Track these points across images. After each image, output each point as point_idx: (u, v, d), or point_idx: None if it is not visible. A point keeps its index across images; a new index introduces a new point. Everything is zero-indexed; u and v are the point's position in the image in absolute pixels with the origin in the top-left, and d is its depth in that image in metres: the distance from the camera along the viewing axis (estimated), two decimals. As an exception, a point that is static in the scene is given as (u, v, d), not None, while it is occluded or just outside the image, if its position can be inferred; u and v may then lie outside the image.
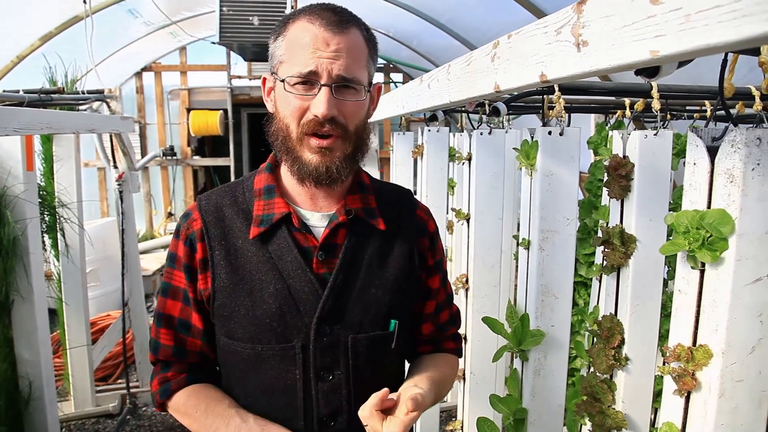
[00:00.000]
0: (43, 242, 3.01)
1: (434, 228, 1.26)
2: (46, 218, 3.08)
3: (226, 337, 1.08)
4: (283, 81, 1.01)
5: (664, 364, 0.91)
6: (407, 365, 1.26)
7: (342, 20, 1.01)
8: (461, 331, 2.18)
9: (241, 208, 1.10)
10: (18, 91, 2.66)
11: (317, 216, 1.11)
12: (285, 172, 1.12)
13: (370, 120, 1.15)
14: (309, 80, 0.99)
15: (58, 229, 3.12)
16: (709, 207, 0.83)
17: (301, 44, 0.99)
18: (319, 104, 0.98)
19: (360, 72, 1.02)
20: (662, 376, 0.92)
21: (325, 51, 0.98)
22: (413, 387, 1.00)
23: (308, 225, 1.09)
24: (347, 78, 0.99)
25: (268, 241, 1.06)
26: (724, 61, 0.85)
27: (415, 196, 1.28)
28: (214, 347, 1.14)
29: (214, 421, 1.06)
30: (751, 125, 0.80)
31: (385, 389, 0.94)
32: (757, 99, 1.15)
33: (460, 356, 1.33)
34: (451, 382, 1.27)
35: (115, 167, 3.85)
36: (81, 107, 3.22)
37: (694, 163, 0.85)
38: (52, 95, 2.78)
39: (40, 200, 2.69)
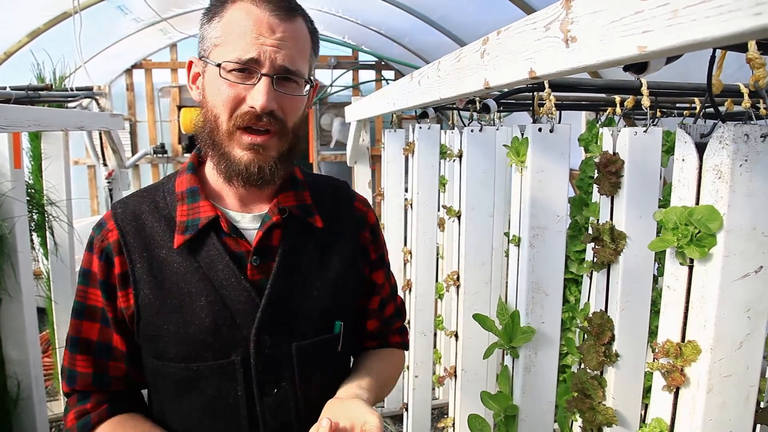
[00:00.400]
0: (32, 241, 2.99)
1: (374, 220, 1.18)
2: (35, 216, 3.06)
3: (156, 359, 0.97)
4: (218, 66, 0.90)
5: (653, 360, 0.91)
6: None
7: (290, 7, 0.93)
8: (452, 328, 2.19)
9: (163, 215, 0.99)
10: (5, 88, 2.63)
11: (248, 217, 1.01)
12: (210, 170, 1.02)
13: (360, 118, 1.13)
14: (248, 68, 0.89)
15: (46, 227, 3.10)
16: (697, 203, 0.83)
17: (241, 27, 0.89)
18: (258, 95, 0.89)
19: (303, 65, 0.94)
20: (652, 372, 0.93)
21: (269, 38, 0.89)
22: (358, 399, 0.95)
23: (239, 228, 0.99)
24: (291, 70, 0.91)
25: (195, 249, 0.96)
26: (712, 57, 0.85)
27: (351, 187, 1.20)
28: (141, 369, 1.03)
29: None
30: (740, 122, 0.80)
31: (329, 421, 0.86)
32: (746, 96, 1.15)
33: (407, 349, 1.29)
34: (396, 379, 1.22)
35: (105, 165, 3.83)
36: (70, 104, 3.20)
37: (683, 160, 0.85)
38: (40, 92, 2.76)
39: (28, 198, 2.67)
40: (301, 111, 0.98)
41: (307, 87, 0.97)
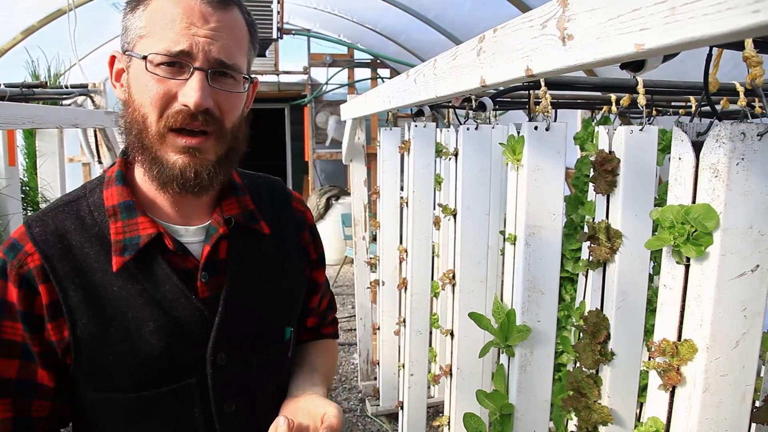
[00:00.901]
0: (26, 238, 2.97)
1: (312, 220, 1.14)
2: (29, 214, 3.05)
3: (97, 392, 0.87)
4: (143, 59, 0.80)
5: (649, 359, 0.91)
6: None
7: None
8: (448, 326, 2.18)
9: (93, 233, 0.87)
10: (-1, 85, 2.62)
11: (191, 230, 0.92)
12: (141, 178, 0.92)
13: (356, 116, 1.13)
14: (179, 61, 0.80)
15: (41, 225, 3.08)
16: (694, 202, 0.83)
17: (170, 16, 0.80)
18: (191, 91, 0.79)
19: (241, 58, 0.86)
20: (648, 371, 0.92)
21: (202, 28, 0.80)
22: (314, 395, 0.95)
23: (183, 244, 0.90)
24: (227, 63, 0.82)
25: (137, 270, 0.86)
26: (709, 55, 0.85)
27: (286, 185, 1.13)
28: (69, 407, 0.91)
29: None
30: (736, 120, 0.80)
31: (285, 419, 0.84)
32: (741, 95, 1.15)
33: (337, 338, 1.26)
34: (334, 368, 1.22)
35: (100, 163, 3.81)
36: (65, 102, 3.19)
37: (679, 158, 0.85)
38: (35, 89, 2.75)
39: (22, 196, 2.66)
40: (239, 110, 0.89)
41: (246, 84, 0.89)
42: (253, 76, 0.91)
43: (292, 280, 1.04)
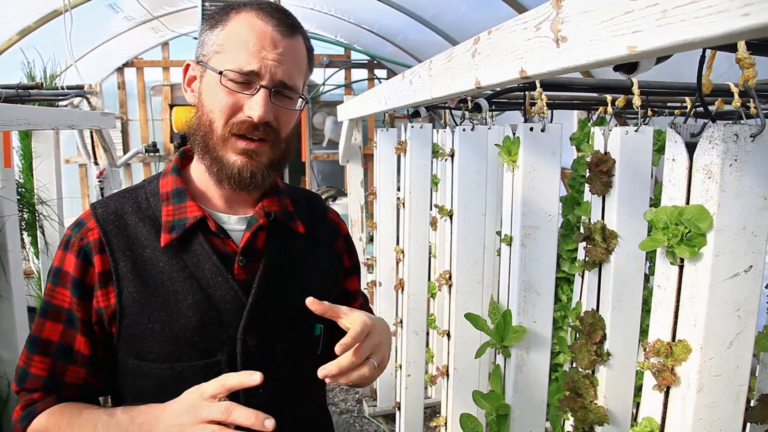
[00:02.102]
0: (22, 240, 2.97)
1: (346, 231, 1.24)
2: (25, 216, 3.05)
3: (137, 359, 0.96)
4: (219, 73, 0.92)
5: (644, 359, 0.92)
6: None
7: (292, 24, 0.96)
8: (445, 327, 2.19)
9: (147, 215, 0.99)
10: (-5, 87, 2.61)
11: (234, 219, 1.03)
12: (199, 172, 1.04)
13: (352, 117, 1.14)
14: (248, 79, 0.92)
15: (37, 226, 3.08)
16: (687, 203, 0.83)
17: (245, 39, 0.92)
18: (257, 106, 0.92)
19: (299, 81, 0.98)
20: (643, 371, 0.93)
21: (272, 52, 0.92)
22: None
23: (225, 229, 1.01)
24: (288, 85, 0.95)
25: (181, 248, 0.96)
26: (702, 57, 0.85)
27: (322, 199, 1.25)
28: (101, 376, 1.00)
29: (81, 430, 0.91)
30: (730, 121, 0.81)
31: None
32: (736, 95, 1.16)
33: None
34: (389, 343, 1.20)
35: (96, 164, 3.81)
36: (61, 103, 3.18)
37: (673, 159, 0.85)
38: (31, 90, 2.75)
39: (18, 197, 2.66)
40: (293, 123, 1.01)
41: (300, 101, 1.00)
42: (305, 95, 1.03)
43: (321, 279, 1.11)
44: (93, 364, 0.98)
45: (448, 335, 2.17)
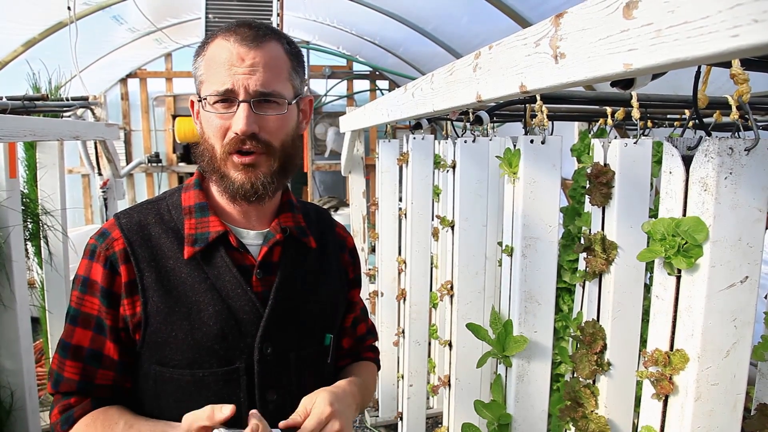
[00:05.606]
0: (26, 250, 2.99)
1: (352, 244, 1.29)
2: (29, 226, 3.06)
3: (159, 365, 1.02)
4: (204, 100, 0.99)
5: (643, 368, 0.93)
6: None
7: (258, 35, 0.98)
8: (446, 337, 2.19)
9: (169, 227, 1.05)
10: (1, 98, 2.64)
11: (252, 234, 1.09)
12: (215, 190, 1.09)
13: (355, 128, 1.16)
14: (228, 98, 0.97)
15: (41, 236, 3.10)
16: (684, 215, 0.85)
17: (217, 62, 0.97)
18: (238, 121, 0.96)
19: (280, 85, 1.00)
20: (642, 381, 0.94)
21: (240, 67, 0.96)
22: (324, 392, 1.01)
23: (244, 243, 1.06)
24: (265, 92, 0.97)
25: (203, 261, 1.02)
26: (698, 73, 0.87)
27: (330, 213, 1.31)
28: (129, 379, 1.06)
29: None
30: (726, 135, 0.82)
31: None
32: (734, 108, 1.17)
33: (378, 366, 1.36)
34: (374, 387, 1.30)
35: (100, 174, 3.84)
36: (65, 114, 3.21)
37: (670, 172, 0.87)
38: (36, 102, 2.77)
39: (23, 208, 2.67)
40: (288, 127, 1.04)
41: (294, 102, 1.03)
42: (305, 92, 1.07)
43: (331, 291, 1.17)
44: (121, 368, 1.03)
45: (450, 345, 2.17)
